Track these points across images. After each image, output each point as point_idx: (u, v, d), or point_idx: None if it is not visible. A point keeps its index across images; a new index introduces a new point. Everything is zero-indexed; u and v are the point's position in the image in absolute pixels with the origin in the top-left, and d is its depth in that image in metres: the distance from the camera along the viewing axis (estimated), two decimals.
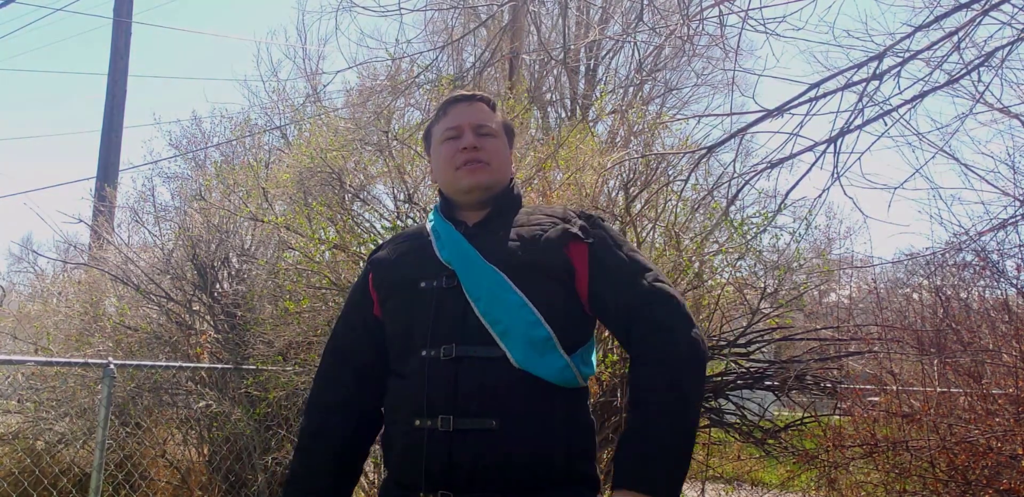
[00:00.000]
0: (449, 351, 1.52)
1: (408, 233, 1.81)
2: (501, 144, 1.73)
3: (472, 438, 1.47)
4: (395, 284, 1.67)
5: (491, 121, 1.73)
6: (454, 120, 1.71)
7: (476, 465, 1.47)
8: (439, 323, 1.56)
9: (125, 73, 11.28)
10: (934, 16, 3.33)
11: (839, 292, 6.94)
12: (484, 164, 1.67)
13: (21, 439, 5.06)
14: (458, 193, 1.70)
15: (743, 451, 4.90)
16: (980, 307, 3.89)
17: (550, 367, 1.52)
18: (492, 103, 1.77)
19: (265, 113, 10.35)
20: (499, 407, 1.48)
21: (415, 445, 1.51)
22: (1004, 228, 3.71)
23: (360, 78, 8.39)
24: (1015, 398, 3.12)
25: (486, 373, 1.50)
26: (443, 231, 1.67)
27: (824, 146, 3.55)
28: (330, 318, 4.66)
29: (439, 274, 1.60)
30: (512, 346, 1.51)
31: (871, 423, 3.50)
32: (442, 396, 1.50)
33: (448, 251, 1.62)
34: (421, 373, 1.54)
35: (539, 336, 1.53)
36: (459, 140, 1.69)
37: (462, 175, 1.67)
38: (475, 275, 1.57)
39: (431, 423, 1.49)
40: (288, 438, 4.71)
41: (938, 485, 3.18)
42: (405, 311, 1.62)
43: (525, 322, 1.53)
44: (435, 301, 1.58)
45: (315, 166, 4.82)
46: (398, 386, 1.61)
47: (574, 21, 10.79)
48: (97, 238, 6.42)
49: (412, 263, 1.66)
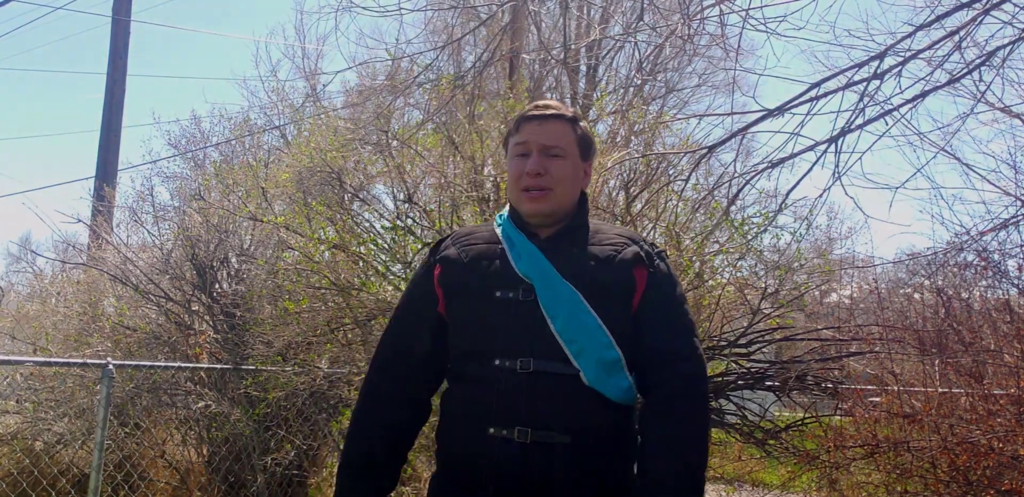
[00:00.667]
0: (526, 364, 1.58)
1: (477, 234, 1.78)
2: (569, 165, 1.71)
3: (546, 451, 1.55)
4: (467, 288, 1.69)
5: (563, 140, 1.71)
6: (524, 137, 1.72)
7: (548, 476, 1.55)
8: (515, 335, 1.60)
9: (124, 73, 11.28)
10: (935, 15, 3.32)
11: (840, 292, 6.93)
12: (547, 191, 1.68)
13: (20, 439, 5.05)
14: (521, 213, 1.73)
15: (744, 452, 4.89)
16: (981, 307, 3.88)
17: (616, 387, 1.60)
18: (570, 118, 1.74)
19: (264, 113, 10.35)
20: (572, 423, 1.56)
21: (485, 452, 1.57)
22: (1005, 228, 3.70)
23: (360, 78, 8.39)
24: (1017, 398, 3.11)
25: (561, 389, 1.57)
26: (518, 241, 1.69)
27: (825, 146, 3.55)
28: (329, 318, 4.65)
29: (516, 286, 1.63)
30: (585, 365, 1.58)
31: (872, 423, 3.49)
32: (519, 408, 1.56)
33: (526, 264, 1.65)
34: (497, 382, 1.59)
35: (611, 358, 1.60)
36: (526, 159, 1.69)
37: (524, 200, 1.70)
38: (553, 292, 1.61)
39: (506, 433, 1.56)
40: (287, 438, 4.70)
41: (939, 486, 3.17)
42: (477, 317, 1.66)
43: (599, 344, 1.59)
44: (512, 313, 1.62)
45: (315, 166, 4.81)
46: (466, 390, 1.66)
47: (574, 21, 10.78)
48: (96, 238, 6.41)
49: (487, 270, 1.68)
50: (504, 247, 1.69)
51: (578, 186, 1.75)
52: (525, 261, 1.65)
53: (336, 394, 4.56)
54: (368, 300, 4.46)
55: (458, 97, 5.18)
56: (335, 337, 4.67)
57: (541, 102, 1.77)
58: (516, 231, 1.71)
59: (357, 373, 4.44)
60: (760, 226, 4.41)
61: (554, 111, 1.73)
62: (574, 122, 1.75)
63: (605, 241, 1.69)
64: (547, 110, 1.73)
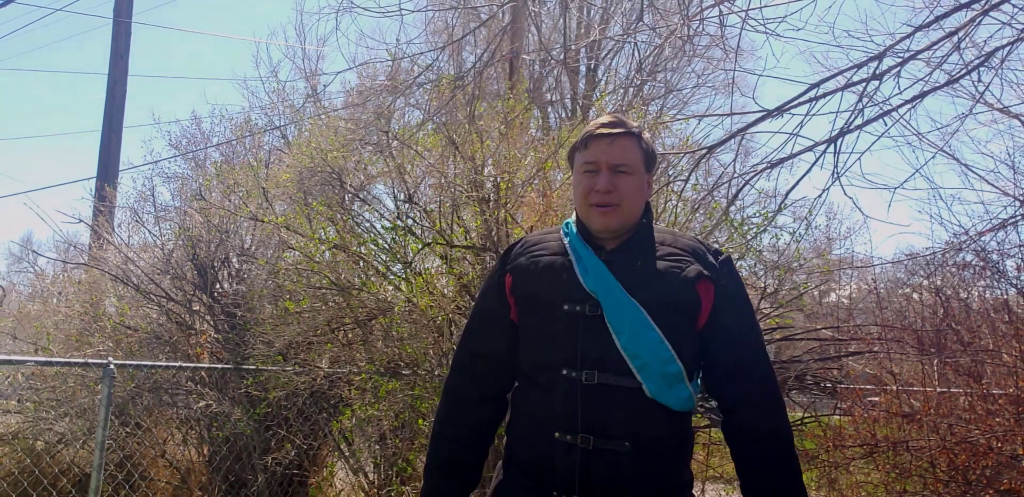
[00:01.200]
0: (591, 377, 1.67)
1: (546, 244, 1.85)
2: (637, 181, 1.78)
3: (607, 457, 1.65)
4: (537, 300, 1.78)
5: (630, 158, 1.77)
6: (593, 156, 1.78)
7: (608, 480, 1.65)
8: (582, 348, 1.69)
9: (125, 73, 11.29)
10: (934, 16, 3.33)
11: (839, 292, 6.94)
12: (615, 207, 1.75)
13: (21, 439, 5.06)
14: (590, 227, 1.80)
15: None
16: (980, 307, 3.89)
17: (677, 398, 1.70)
18: (636, 134, 1.80)
19: (265, 113, 10.35)
20: (632, 431, 1.66)
21: (555, 454, 1.68)
22: (1004, 228, 3.71)
23: (360, 78, 8.39)
24: (1015, 398, 3.12)
25: (624, 401, 1.66)
26: (585, 256, 1.76)
27: (824, 146, 3.56)
28: (330, 318, 4.66)
29: (584, 301, 1.71)
30: (648, 378, 1.67)
31: (871, 423, 3.49)
32: (584, 417, 1.66)
33: (592, 280, 1.72)
34: (563, 391, 1.69)
35: (672, 371, 1.68)
36: (596, 176, 1.76)
37: (594, 216, 1.76)
38: (618, 308, 1.69)
39: (571, 438, 1.66)
40: (288, 438, 4.71)
41: (938, 485, 3.18)
42: (546, 329, 1.75)
43: (661, 359, 1.68)
44: (580, 327, 1.70)
45: (315, 166, 4.82)
46: (537, 397, 1.76)
47: (574, 21, 10.79)
48: (97, 238, 6.41)
49: (555, 283, 1.75)
50: (572, 259, 1.76)
51: (643, 199, 1.82)
52: (592, 276, 1.72)
53: (336, 394, 4.57)
54: (368, 300, 4.47)
55: (458, 97, 5.20)
56: (335, 337, 4.68)
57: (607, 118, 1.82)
58: (583, 244, 1.78)
59: (357, 373, 4.45)
60: (759, 226, 4.41)
61: (622, 130, 1.78)
62: (639, 137, 1.81)
63: (669, 255, 1.75)
64: (615, 128, 1.78)
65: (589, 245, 1.78)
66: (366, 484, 4.81)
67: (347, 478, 5.18)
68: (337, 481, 5.29)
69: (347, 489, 5.18)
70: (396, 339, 4.40)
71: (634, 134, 1.79)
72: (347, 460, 4.97)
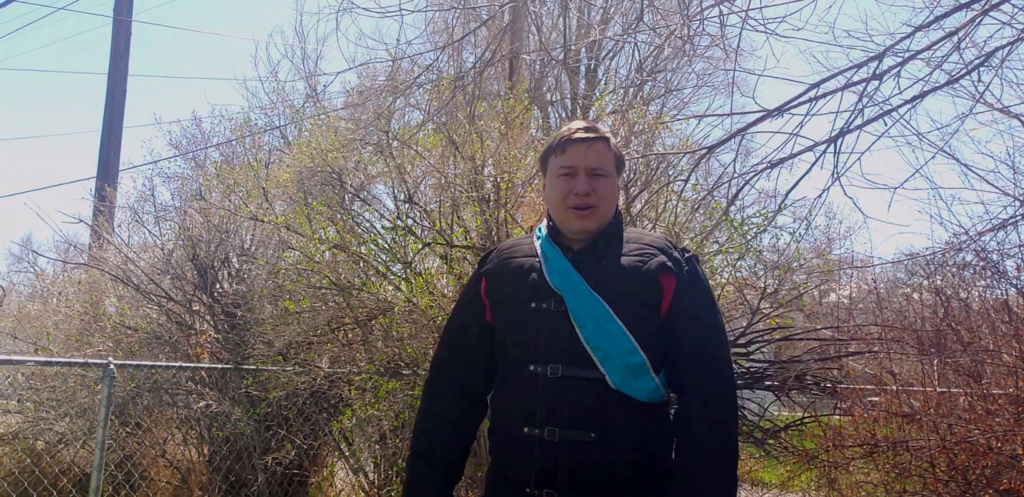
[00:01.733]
0: (556, 370, 1.73)
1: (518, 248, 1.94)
2: (611, 183, 1.86)
3: (574, 447, 1.70)
4: (507, 300, 1.86)
5: (606, 161, 1.85)
6: (571, 160, 1.84)
7: (576, 470, 1.70)
8: (547, 343, 1.76)
9: (125, 73, 11.29)
10: (934, 16, 3.32)
11: (839, 292, 6.93)
12: (593, 209, 1.82)
13: (21, 439, 5.06)
14: (566, 230, 1.86)
15: (743, 451, 4.89)
16: (980, 307, 3.88)
17: (642, 389, 1.74)
18: (608, 139, 1.88)
19: (265, 113, 10.34)
20: (597, 422, 1.70)
21: (524, 449, 1.74)
22: (1004, 228, 3.71)
23: (360, 78, 8.39)
24: (1015, 398, 3.12)
25: (587, 392, 1.72)
26: (551, 256, 1.84)
27: (824, 146, 3.55)
28: (330, 318, 4.65)
29: (549, 298, 1.78)
30: (611, 370, 1.72)
31: (871, 423, 3.49)
32: (549, 410, 1.72)
33: (557, 277, 1.79)
34: (530, 386, 1.75)
35: (635, 362, 1.73)
36: (573, 180, 1.83)
37: (572, 218, 1.83)
38: (581, 303, 1.75)
39: (539, 431, 1.72)
40: (288, 438, 4.71)
41: (938, 485, 3.18)
42: (516, 327, 1.82)
43: (623, 349, 1.72)
44: (545, 323, 1.77)
45: (315, 166, 4.82)
46: (507, 392, 1.83)
47: (575, 21, 10.78)
48: (97, 238, 6.42)
49: (523, 283, 1.83)
50: (540, 261, 1.84)
51: (615, 202, 1.90)
52: (557, 274, 1.80)
53: (336, 394, 4.57)
54: (368, 300, 4.47)
55: (458, 97, 5.19)
56: (335, 337, 4.68)
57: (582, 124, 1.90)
58: (551, 246, 1.85)
59: (357, 373, 4.45)
60: (759, 226, 4.41)
61: (596, 134, 1.86)
62: (610, 142, 1.89)
63: (634, 251, 1.81)
64: (591, 133, 1.86)
65: (558, 246, 1.85)
66: (366, 484, 4.82)
67: (347, 478, 5.19)
68: (337, 481, 5.29)
69: (347, 489, 5.18)
70: (396, 339, 4.40)
71: (607, 139, 1.88)
72: (347, 460, 4.97)
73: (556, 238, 1.87)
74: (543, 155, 1.94)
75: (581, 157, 1.83)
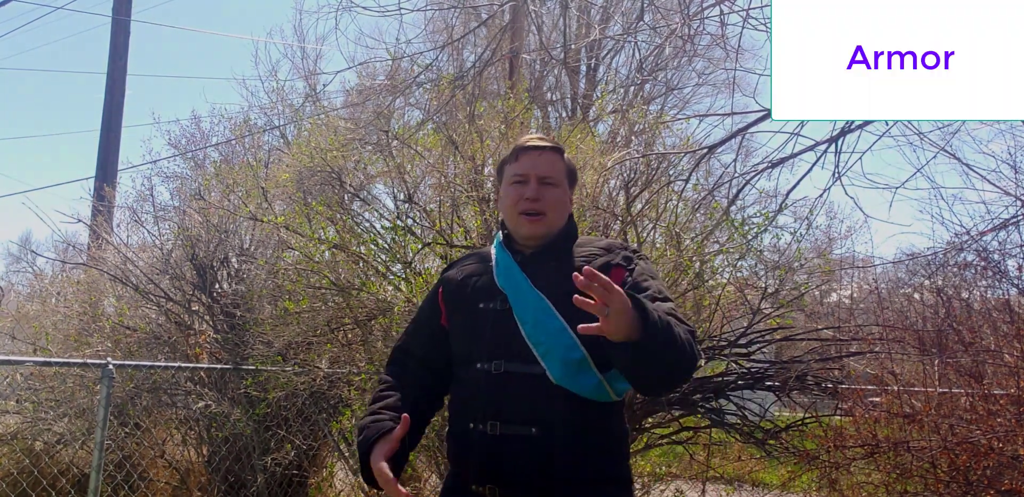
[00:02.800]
0: (499, 366, 1.77)
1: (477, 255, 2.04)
2: (561, 192, 1.93)
3: (515, 442, 1.72)
4: (459, 302, 1.92)
5: (557, 171, 1.93)
6: (523, 168, 1.92)
7: (517, 465, 1.71)
8: (492, 341, 1.80)
9: (124, 72, 11.27)
10: None
11: (840, 292, 6.93)
12: (542, 215, 1.88)
13: (20, 439, 5.05)
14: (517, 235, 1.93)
15: (744, 452, 4.89)
16: (981, 307, 3.88)
17: (585, 385, 1.75)
18: (560, 150, 1.97)
19: (264, 113, 10.32)
20: (539, 417, 1.73)
21: (467, 445, 1.78)
22: (1005, 228, 3.70)
23: (360, 78, 8.37)
24: (1016, 398, 3.11)
25: (528, 387, 1.74)
26: (501, 259, 1.91)
27: (825, 146, 3.55)
28: (329, 318, 4.64)
29: (495, 297, 1.84)
30: (551, 365, 1.74)
31: (872, 423, 3.49)
32: (491, 405, 1.75)
33: (503, 278, 1.86)
34: (475, 383, 1.80)
35: (575, 357, 1.74)
36: (524, 187, 1.89)
37: (522, 223, 1.89)
38: (523, 301, 1.81)
39: (481, 427, 1.75)
40: (287, 438, 4.70)
41: (939, 486, 3.17)
42: (466, 327, 1.88)
43: (563, 345, 1.74)
44: (490, 321, 1.83)
45: (315, 166, 4.81)
46: (457, 391, 1.89)
47: (575, 21, 10.77)
48: (96, 238, 6.40)
49: (474, 285, 1.91)
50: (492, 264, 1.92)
51: (566, 211, 1.95)
52: (503, 275, 1.87)
53: (336, 394, 4.56)
54: (368, 300, 4.46)
55: (458, 97, 5.18)
56: (335, 337, 4.67)
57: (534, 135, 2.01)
58: (503, 251, 1.93)
59: (357, 373, 4.44)
60: (760, 226, 4.40)
61: (549, 144, 1.94)
62: (562, 154, 1.97)
63: (583, 253, 1.88)
64: (542, 142, 1.94)
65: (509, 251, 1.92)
66: (365, 484, 4.80)
67: (347, 478, 5.18)
68: (337, 481, 5.29)
69: (347, 489, 5.17)
70: (396, 339, 4.38)
71: (559, 149, 1.96)
72: (347, 460, 4.96)
73: (509, 244, 1.94)
74: (499, 165, 2.02)
75: (532, 165, 1.91)
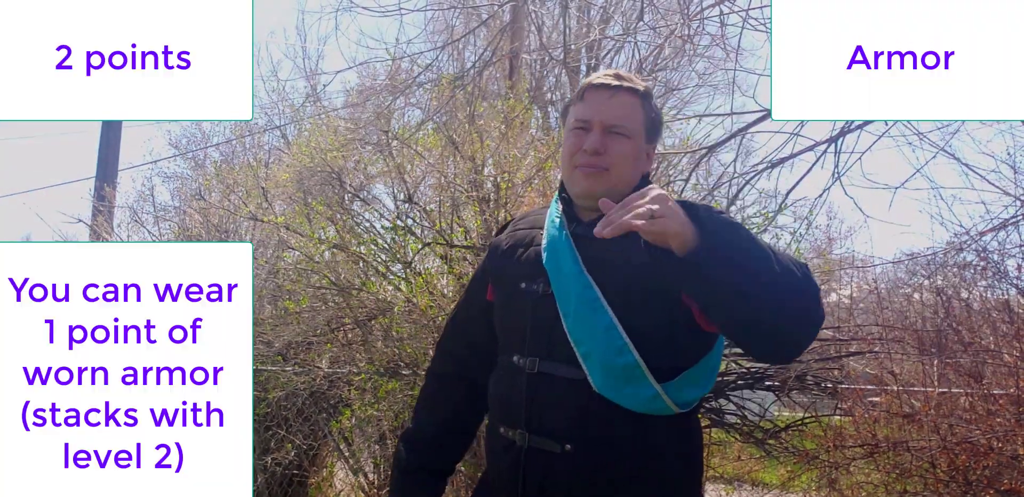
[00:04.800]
0: (534, 365, 1.48)
1: (530, 217, 1.68)
2: (631, 146, 1.51)
3: (543, 459, 1.45)
4: (502, 277, 1.61)
5: (629, 119, 1.51)
6: (587, 111, 1.51)
7: (545, 483, 1.46)
8: (532, 332, 1.50)
9: None
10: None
11: (840, 292, 6.93)
12: (602, 170, 1.49)
13: None
14: (573, 194, 1.56)
15: (744, 451, 4.89)
16: (981, 307, 3.88)
17: (635, 397, 1.42)
18: (642, 93, 1.54)
19: (265, 113, 10.35)
20: (574, 431, 1.43)
21: (498, 451, 1.54)
22: (1005, 228, 3.70)
23: (360, 78, 8.39)
24: (1016, 398, 3.12)
25: (565, 395, 1.45)
26: (551, 228, 1.54)
27: (825, 146, 3.55)
28: (329, 318, 4.65)
29: (539, 278, 1.51)
30: (592, 370, 1.42)
31: (872, 423, 3.49)
32: (522, 410, 1.48)
33: (548, 253, 1.51)
34: (510, 380, 1.53)
35: (622, 363, 1.41)
36: (586, 135, 1.50)
37: (578, 178, 1.51)
38: (566, 286, 1.46)
39: (511, 434, 1.50)
40: (288, 438, 4.71)
41: (939, 485, 3.17)
42: (506, 309, 1.60)
43: (611, 347, 1.41)
44: (530, 307, 1.52)
45: (315, 166, 4.82)
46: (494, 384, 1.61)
47: (574, 21, 10.78)
48: (96, 238, 6.41)
49: (519, 258, 1.58)
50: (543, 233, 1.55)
51: (639, 170, 1.55)
52: (549, 249, 1.51)
53: (336, 394, 4.56)
54: (368, 300, 4.46)
55: (458, 97, 5.19)
56: (335, 337, 4.68)
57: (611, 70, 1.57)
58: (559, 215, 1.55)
59: (357, 373, 4.45)
60: (760, 226, 4.40)
61: (626, 83, 1.51)
62: (646, 98, 1.55)
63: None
64: (616, 81, 1.51)
65: (565, 216, 1.54)
66: (366, 484, 4.81)
67: (347, 478, 5.18)
68: (337, 481, 5.29)
69: (347, 489, 5.17)
70: (396, 339, 4.39)
71: (640, 93, 1.53)
72: (347, 460, 4.96)
73: (569, 208, 1.56)
74: (563, 108, 1.61)
75: (599, 109, 1.49)
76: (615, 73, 1.55)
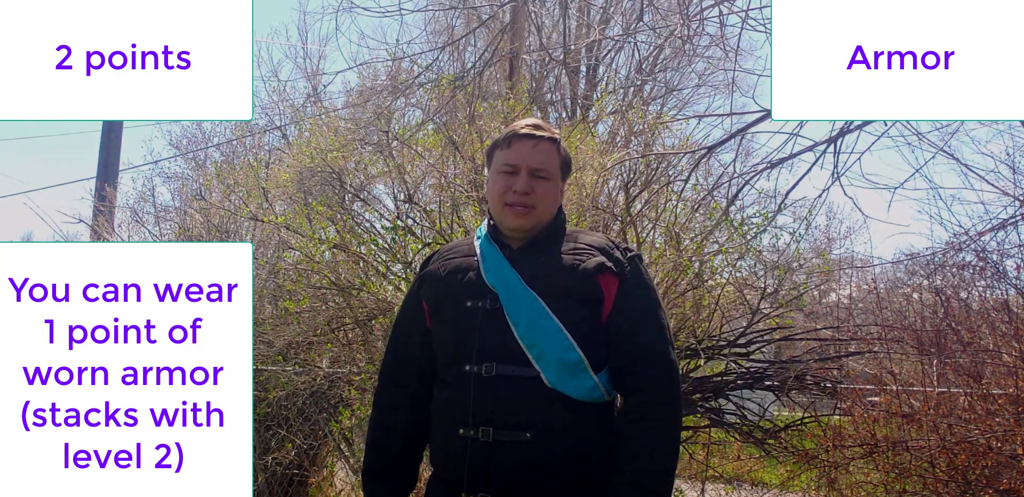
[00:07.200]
0: (490, 369, 1.69)
1: (458, 248, 1.92)
2: (552, 186, 1.81)
3: (508, 448, 1.66)
4: (444, 300, 1.81)
5: (550, 163, 1.80)
6: (515, 157, 1.79)
7: (511, 472, 1.66)
8: (481, 342, 1.72)
9: None
10: None
11: (839, 292, 6.94)
12: (530, 208, 1.78)
13: None
14: (503, 227, 1.82)
15: (743, 451, 4.89)
16: (980, 307, 3.89)
17: (580, 387, 1.70)
18: (557, 141, 1.84)
19: (265, 113, 10.35)
20: (533, 421, 1.66)
21: (458, 451, 1.70)
22: (1004, 228, 3.71)
23: (361, 78, 8.39)
24: (1015, 398, 3.12)
25: (522, 391, 1.68)
26: (489, 254, 1.80)
27: (824, 146, 3.56)
28: (330, 318, 4.66)
29: (484, 295, 1.75)
30: (546, 368, 1.68)
31: (871, 423, 3.49)
32: (483, 410, 1.68)
33: (493, 274, 1.76)
34: (465, 386, 1.71)
35: (571, 359, 1.69)
36: (514, 178, 1.77)
37: (508, 215, 1.79)
38: (516, 300, 1.72)
39: (473, 433, 1.68)
40: (288, 438, 4.71)
41: (938, 485, 3.18)
42: (452, 327, 1.79)
43: (559, 347, 1.69)
44: (480, 321, 1.74)
45: (315, 166, 4.82)
46: (443, 394, 1.79)
47: (574, 21, 10.79)
48: (97, 238, 6.41)
49: (460, 282, 1.80)
50: (478, 259, 1.81)
51: (556, 204, 1.85)
52: (493, 272, 1.77)
53: (336, 394, 4.57)
54: (368, 300, 4.47)
55: (458, 97, 5.20)
56: (335, 337, 4.68)
57: (531, 121, 1.86)
58: (490, 244, 1.82)
59: (357, 373, 4.45)
60: (759, 226, 4.41)
61: (545, 134, 1.81)
62: (559, 144, 1.84)
63: (572, 250, 1.79)
64: (539, 131, 1.80)
65: (497, 245, 1.81)
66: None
67: (347, 478, 5.18)
68: (337, 481, 5.29)
69: (347, 489, 5.18)
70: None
71: (555, 140, 1.83)
72: (347, 460, 4.97)
73: (496, 237, 1.83)
74: (490, 148, 1.89)
75: (525, 155, 1.78)
76: (535, 124, 1.84)
